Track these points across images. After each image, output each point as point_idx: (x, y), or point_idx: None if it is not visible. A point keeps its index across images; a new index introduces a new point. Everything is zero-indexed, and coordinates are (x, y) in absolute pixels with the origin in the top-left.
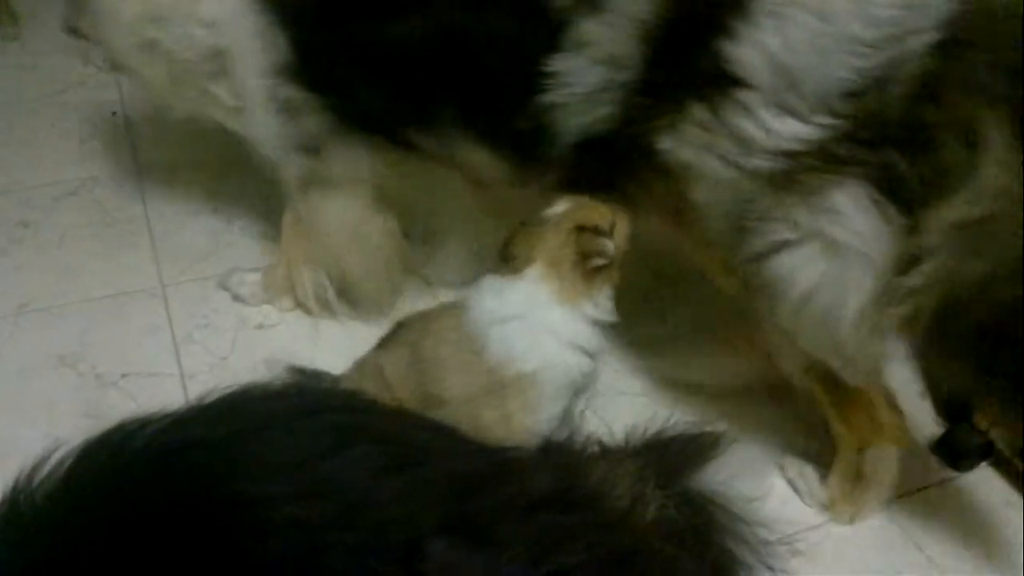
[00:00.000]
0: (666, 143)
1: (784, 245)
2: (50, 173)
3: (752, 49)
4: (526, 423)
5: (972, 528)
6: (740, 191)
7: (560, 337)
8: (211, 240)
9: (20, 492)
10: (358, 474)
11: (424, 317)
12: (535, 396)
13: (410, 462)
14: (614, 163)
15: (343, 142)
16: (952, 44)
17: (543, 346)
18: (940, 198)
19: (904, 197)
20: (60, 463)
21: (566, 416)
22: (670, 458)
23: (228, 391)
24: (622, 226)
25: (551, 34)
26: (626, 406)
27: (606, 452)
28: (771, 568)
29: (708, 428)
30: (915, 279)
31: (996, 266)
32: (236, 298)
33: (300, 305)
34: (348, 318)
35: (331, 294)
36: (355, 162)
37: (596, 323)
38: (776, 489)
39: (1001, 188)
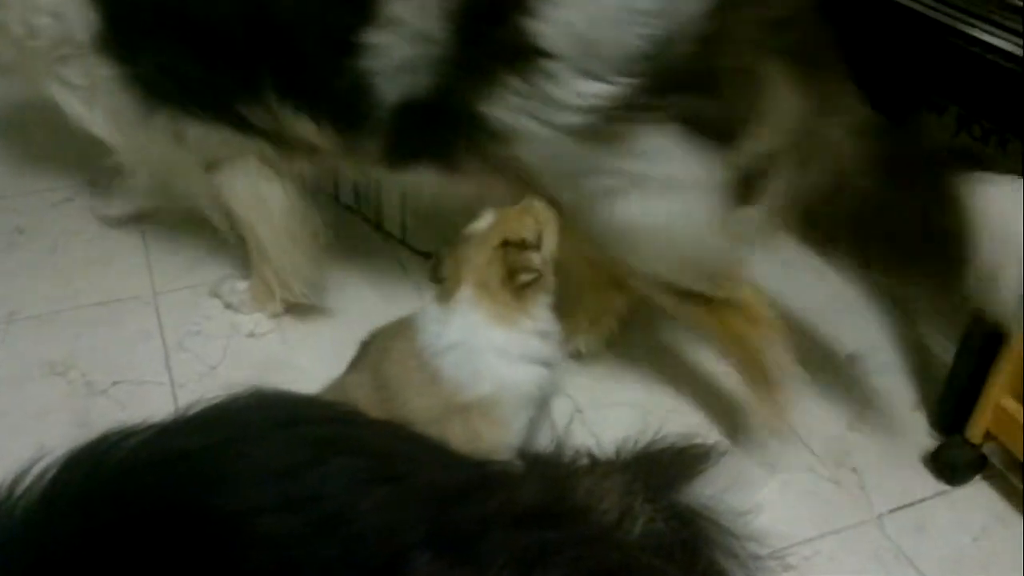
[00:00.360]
0: (487, 108)
1: (620, 191)
2: (47, 180)
3: (551, 24)
4: (495, 439)
5: (965, 542)
6: (562, 149)
7: (509, 355)
8: (204, 248)
9: (0, 503)
10: (338, 486)
11: (383, 335)
12: (499, 415)
13: (392, 474)
14: (443, 129)
15: (181, 121)
16: (724, 6)
17: (494, 368)
18: (747, 132)
19: (717, 133)
20: (42, 474)
21: (540, 424)
22: (659, 471)
23: (211, 402)
24: (550, 232)
25: (361, 10)
26: (615, 418)
27: (594, 465)
28: None
29: (698, 441)
30: (761, 194)
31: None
32: (228, 306)
33: (291, 306)
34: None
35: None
36: (206, 141)
37: (542, 334)
38: (768, 503)
39: (789, 125)
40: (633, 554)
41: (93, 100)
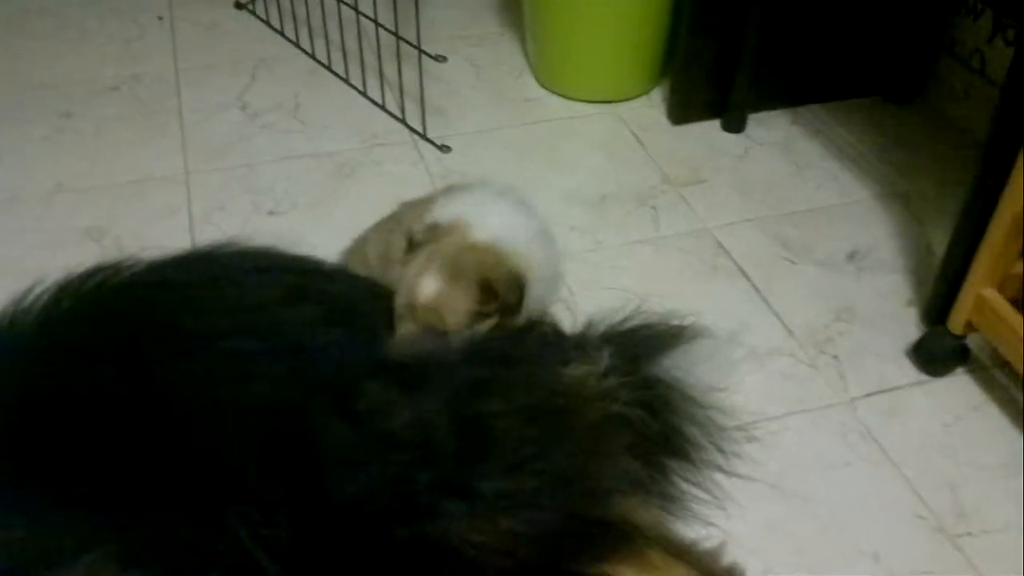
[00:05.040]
0: None
1: None
2: (96, 70)
3: None
4: None
5: (934, 428)
6: None
7: None
8: (236, 133)
9: (4, 317)
10: (298, 322)
11: (413, 207)
12: None
13: (348, 319)
14: None
15: None
16: None
17: None
18: None
19: None
20: (40, 295)
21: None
22: (630, 344)
23: (202, 246)
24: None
25: None
26: (601, 300)
27: (561, 336)
28: (722, 450)
29: (675, 320)
30: None
31: None
32: None
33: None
34: None
35: None
36: None
37: None
38: (741, 382)
39: None
40: (573, 397)
41: None
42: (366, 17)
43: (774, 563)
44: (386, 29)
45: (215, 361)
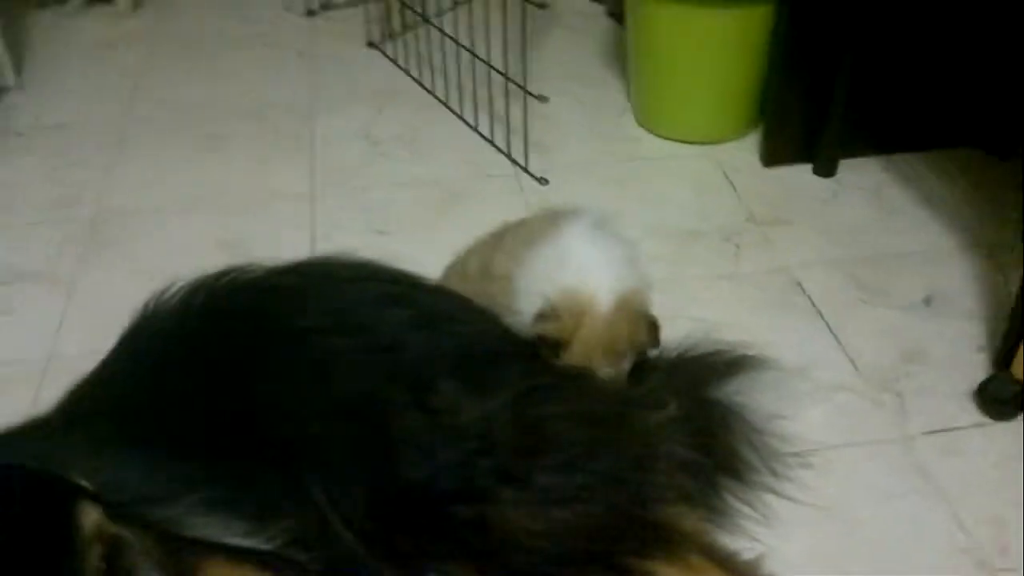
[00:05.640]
0: None
1: None
2: (240, 97)
3: None
4: None
5: (984, 467)
6: None
7: None
8: (359, 160)
9: (149, 306)
10: (389, 326)
11: (514, 229)
12: None
13: (435, 324)
14: None
15: None
16: None
17: None
18: None
19: None
20: (179, 290)
21: None
22: (696, 368)
23: (314, 256)
24: None
25: None
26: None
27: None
28: (775, 473)
29: (742, 349)
30: None
31: None
32: None
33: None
34: None
35: None
36: None
37: None
38: (802, 412)
39: None
40: (633, 410)
41: None
42: (479, 59)
43: None
44: (496, 70)
45: (314, 353)
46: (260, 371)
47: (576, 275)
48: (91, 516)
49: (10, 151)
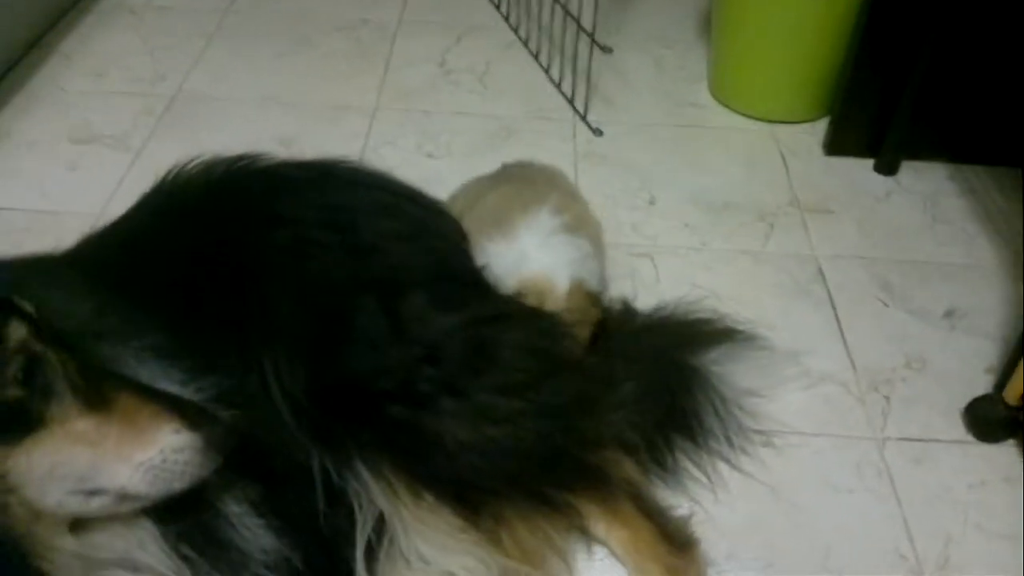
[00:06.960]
0: None
1: None
2: (335, 10)
3: None
4: None
5: (956, 487)
6: None
7: None
8: (427, 84)
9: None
10: (375, 231)
11: (520, 170)
12: None
13: (420, 239)
14: None
15: None
16: None
17: None
18: None
19: None
20: (197, 165)
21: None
22: (677, 333)
23: (329, 159)
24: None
25: None
26: (677, 292)
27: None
28: (732, 444)
29: (736, 322)
30: None
31: None
32: None
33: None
34: None
35: None
36: None
37: None
38: (783, 396)
39: None
40: (588, 358)
41: None
42: (559, 3)
43: (739, 550)
44: (570, 15)
45: (298, 240)
46: (241, 245)
47: (535, 272)
48: (18, 331)
49: (120, 26)
